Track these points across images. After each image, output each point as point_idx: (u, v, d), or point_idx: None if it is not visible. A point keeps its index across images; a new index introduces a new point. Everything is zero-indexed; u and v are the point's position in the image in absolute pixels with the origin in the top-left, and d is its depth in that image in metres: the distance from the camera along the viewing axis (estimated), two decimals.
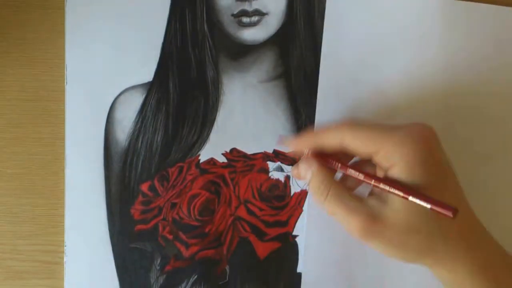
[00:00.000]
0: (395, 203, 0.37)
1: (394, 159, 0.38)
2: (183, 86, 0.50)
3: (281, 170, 0.50)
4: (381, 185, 0.38)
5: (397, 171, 0.38)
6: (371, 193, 0.41)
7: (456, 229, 0.38)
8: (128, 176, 0.50)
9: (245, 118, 0.50)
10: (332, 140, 0.40)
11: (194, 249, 0.49)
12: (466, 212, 0.40)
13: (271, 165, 0.50)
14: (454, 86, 0.49)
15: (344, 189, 0.39)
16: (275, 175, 0.50)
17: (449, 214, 0.35)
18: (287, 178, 0.50)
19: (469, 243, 0.38)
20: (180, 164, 0.50)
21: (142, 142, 0.50)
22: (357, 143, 0.39)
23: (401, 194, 0.37)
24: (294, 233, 0.49)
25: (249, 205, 0.49)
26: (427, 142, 0.38)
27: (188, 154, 0.50)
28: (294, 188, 0.50)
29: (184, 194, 0.50)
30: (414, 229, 0.37)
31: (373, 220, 0.37)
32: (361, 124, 0.39)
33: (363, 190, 0.42)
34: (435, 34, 0.49)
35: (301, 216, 0.49)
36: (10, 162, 0.51)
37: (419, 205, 0.36)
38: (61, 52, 0.51)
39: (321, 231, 0.48)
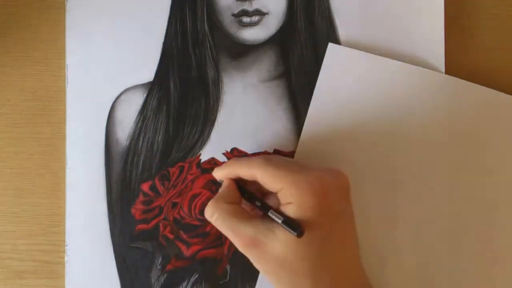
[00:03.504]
0: (279, 235, 0.40)
1: (289, 199, 0.40)
2: (183, 85, 0.50)
3: None
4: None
5: (290, 209, 0.40)
6: (264, 218, 0.42)
7: (328, 276, 0.40)
8: (129, 176, 0.50)
9: (245, 117, 0.50)
10: (246, 173, 0.43)
11: (195, 248, 0.49)
12: (349, 266, 0.42)
13: None
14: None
15: (230, 214, 0.42)
16: None
17: (295, 234, 0.38)
18: None
19: None
20: (181, 163, 0.50)
21: (143, 142, 0.50)
22: (265, 180, 0.42)
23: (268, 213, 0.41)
24: None
25: None
26: (324, 192, 0.40)
27: (189, 153, 0.50)
28: None
29: (185, 193, 0.50)
30: (287, 265, 0.40)
31: (253, 243, 0.40)
32: (273, 162, 0.42)
33: None
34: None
35: None
36: (10, 162, 0.51)
37: (300, 246, 0.39)
38: (61, 52, 0.51)
39: None
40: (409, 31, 0.50)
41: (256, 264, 0.41)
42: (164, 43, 0.50)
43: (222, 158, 0.50)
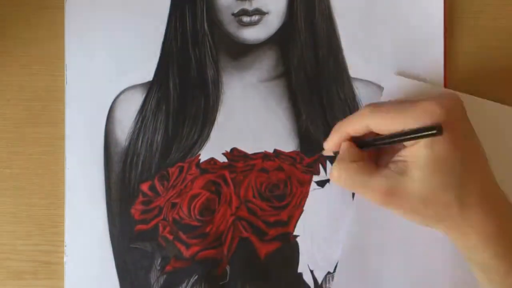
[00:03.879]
0: (414, 174, 0.39)
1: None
2: (183, 85, 0.50)
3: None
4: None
5: (421, 145, 0.39)
6: (389, 164, 0.41)
7: (473, 198, 0.39)
8: (128, 176, 0.50)
9: (245, 117, 0.50)
10: (358, 128, 0.42)
11: (195, 249, 0.49)
12: (487, 180, 0.41)
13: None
14: None
15: (357, 170, 0.41)
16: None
17: (435, 132, 0.37)
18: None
19: (485, 210, 0.39)
20: (181, 164, 0.50)
21: (142, 142, 0.50)
22: (381, 126, 0.40)
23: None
24: (295, 233, 0.49)
25: (249, 205, 0.49)
26: (450, 116, 0.38)
27: (189, 153, 0.50)
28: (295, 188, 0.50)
29: (185, 194, 0.50)
30: (431, 200, 0.39)
31: (391, 192, 0.39)
32: (381, 106, 0.41)
33: None
34: None
35: (301, 216, 0.49)
36: (10, 162, 0.51)
37: (437, 176, 0.38)
38: (61, 52, 0.51)
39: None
40: (409, 31, 0.50)
41: (399, 211, 0.40)
42: (164, 43, 0.50)
43: (221, 158, 0.50)
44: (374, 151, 0.45)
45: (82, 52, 0.50)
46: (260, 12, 0.50)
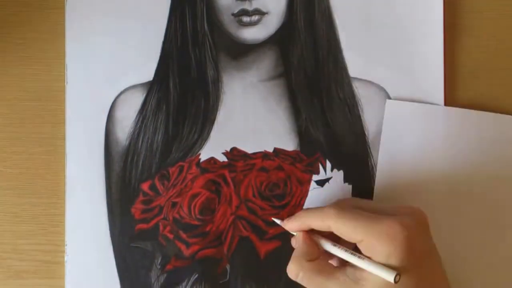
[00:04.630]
0: (368, 286, 0.39)
1: (373, 251, 0.40)
2: (183, 85, 0.50)
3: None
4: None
5: (375, 259, 0.40)
6: (346, 269, 0.42)
7: None
8: (128, 176, 0.50)
9: (245, 117, 0.50)
10: (319, 225, 0.43)
11: (195, 248, 0.49)
12: None
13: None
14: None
15: (315, 271, 0.42)
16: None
17: (392, 279, 0.38)
18: None
19: None
20: (181, 163, 0.50)
21: (142, 142, 0.50)
22: (342, 232, 0.41)
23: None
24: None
25: (249, 204, 0.49)
26: (409, 238, 0.39)
27: (189, 153, 0.50)
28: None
29: (185, 193, 0.50)
30: None
31: None
32: (345, 212, 0.41)
33: None
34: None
35: None
36: (10, 162, 0.51)
37: None
38: (61, 52, 0.51)
39: None
40: (409, 31, 0.50)
41: None
42: (164, 43, 0.50)
43: (221, 158, 0.50)
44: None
45: (82, 52, 0.50)
46: (260, 12, 0.50)
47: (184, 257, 0.49)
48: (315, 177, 0.50)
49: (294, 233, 0.45)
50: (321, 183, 0.50)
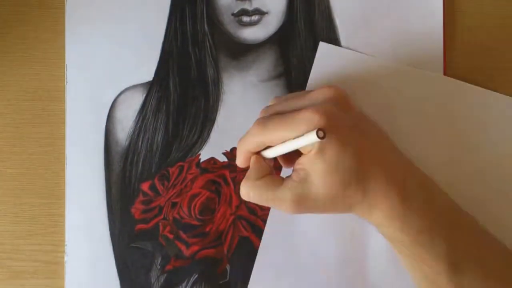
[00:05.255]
0: (314, 180, 0.40)
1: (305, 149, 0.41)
2: (183, 85, 0.50)
3: None
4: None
5: (313, 153, 0.40)
6: (292, 174, 0.42)
7: (373, 182, 0.41)
8: (128, 176, 0.50)
9: (245, 117, 0.50)
10: (255, 147, 0.43)
11: (195, 248, 0.49)
12: (385, 159, 0.42)
13: None
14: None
15: (263, 187, 0.42)
16: None
17: (316, 137, 0.38)
18: None
19: (385, 190, 0.41)
20: (181, 163, 0.50)
21: (142, 142, 0.50)
22: (273, 142, 0.42)
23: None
24: None
25: (249, 204, 0.49)
26: (330, 121, 0.40)
27: (189, 153, 0.50)
28: None
29: (185, 193, 0.50)
30: (336, 197, 0.41)
31: (298, 200, 0.41)
32: (267, 122, 0.42)
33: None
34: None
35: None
36: (10, 162, 0.51)
37: (334, 176, 0.40)
38: (61, 52, 0.51)
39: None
40: (409, 31, 0.50)
41: (312, 214, 0.42)
42: (164, 43, 0.50)
43: (221, 158, 0.50)
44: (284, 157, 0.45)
45: (82, 52, 0.50)
46: (260, 12, 0.50)
47: (184, 257, 0.49)
48: None
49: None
50: None
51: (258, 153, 0.44)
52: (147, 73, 0.50)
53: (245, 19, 0.50)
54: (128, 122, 0.50)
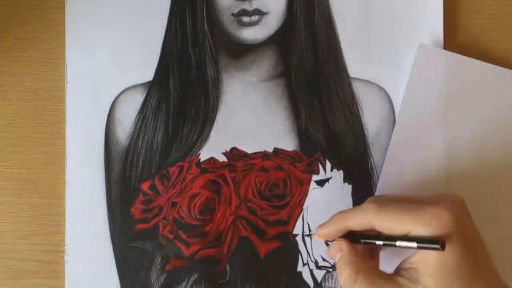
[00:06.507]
0: (426, 283, 0.39)
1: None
2: (183, 85, 0.50)
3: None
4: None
5: (430, 253, 0.39)
6: (401, 271, 0.41)
7: None
8: (128, 176, 0.50)
9: (245, 117, 0.50)
10: (359, 223, 0.41)
11: (195, 248, 0.49)
12: (492, 279, 0.40)
13: None
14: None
15: (373, 272, 0.40)
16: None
17: (438, 247, 0.37)
18: None
19: None
20: (181, 163, 0.50)
21: (142, 142, 0.50)
22: (385, 226, 0.40)
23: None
24: (294, 232, 0.49)
25: (249, 204, 0.49)
26: (457, 222, 0.38)
27: (189, 153, 0.50)
28: None
29: (185, 193, 0.50)
30: None
31: None
32: (386, 205, 0.40)
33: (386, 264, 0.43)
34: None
35: (301, 215, 0.49)
36: (10, 162, 0.51)
37: (448, 282, 0.38)
38: (61, 52, 0.51)
39: None
40: (409, 31, 0.50)
41: None
42: (164, 43, 0.50)
43: (221, 158, 0.50)
44: (367, 252, 0.44)
45: (83, 52, 0.50)
46: (259, 12, 0.50)
47: (184, 257, 0.49)
48: (315, 177, 0.50)
49: (330, 242, 0.43)
50: (321, 183, 0.50)
51: (347, 238, 0.42)
52: (147, 73, 0.50)
53: (245, 19, 0.50)
54: (128, 122, 0.50)
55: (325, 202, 0.49)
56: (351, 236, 0.42)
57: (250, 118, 0.50)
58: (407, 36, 0.50)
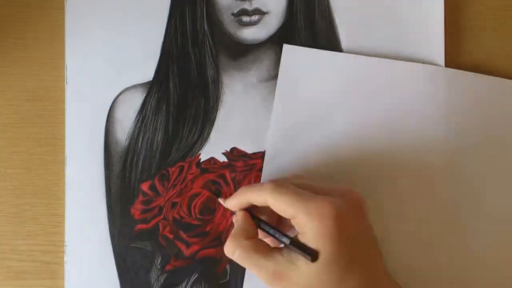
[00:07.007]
0: (302, 267, 0.40)
1: (304, 228, 0.40)
2: (183, 85, 0.50)
3: None
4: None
5: (307, 238, 0.40)
6: (283, 249, 0.42)
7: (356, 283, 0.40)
8: (128, 176, 0.50)
9: (245, 117, 0.50)
10: (257, 199, 0.43)
11: (195, 248, 0.49)
12: (370, 269, 0.42)
13: None
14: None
15: (250, 249, 0.42)
16: None
17: (309, 258, 0.39)
18: None
19: None
20: (181, 163, 0.50)
21: (142, 142, 0.50)
22: (277, 207, 0.42)
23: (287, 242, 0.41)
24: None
25: None
26: (338, 218, 0.40)
27: (189, 153, 0.50)
28: None
29: (185, 193, 0.50)
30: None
31: (278, 277, 0.41)
32: (282, 187, 0.42)
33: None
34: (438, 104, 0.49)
35: None
36: (10, 162, 0.51)
37: (322, 275, 0.39)
38: (61, 52, 0.51)
39: None
40: (409, 31, 0.50)
41: None
42: (164, 43, 0.50)
43: (221, 158, 0.50)
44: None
45: (82, 52, 0.50)
46: (260, 12, 0.50)
47: (184, 257, 0.49)
48: None
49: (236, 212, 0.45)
50: None
51: (247, 210, 0.44)
52: (147, 73, 0.50)
53: (245, 19, 0.50)
54: (128, 122, 0.50)
55: None
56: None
57: (250, 118, 0.50)
58: (407, 36, 0.50)
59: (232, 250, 0.42)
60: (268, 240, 0.45)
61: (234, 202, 0.45)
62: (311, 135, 0.49)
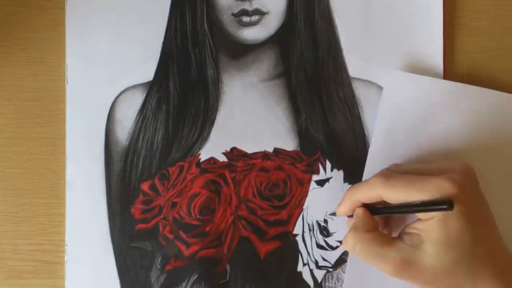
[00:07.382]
0: (428, 249, 0.40)
1: (428, 213, 0.40)
2: (183, 85, 0.50)
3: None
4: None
5: (429, 222, 0.40)
6: (403, 236, 0.42)
7: (484, 268, 0.40)
8: (128, 176, 0.50)
9: (245, 117, 0.50)
10: (370, 196, 0.43)
11: (195, 248, 0.49)
12: (497, 249, 0.42)
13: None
14: None
15: (372, 241, 0.42)
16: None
17: (445, 207, 0.38)
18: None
19: (495, 278, 0.40)
20: (181, 163, 0.50)
21: (142, 142, 0.50)
22: (393, 198, 0.41)
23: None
24: (295, 232, 0.49)
25: (249, 204, 0.49)
26: (460, 188, 0.39)
27: (189, 153, 0.50)
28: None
29: (185, 193, 0.50)
30: (444, 273, 0.40)
31: (405, 265, 0.40)
32: (393, 178, 0.42)
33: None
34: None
35: (301, 215, 0.49)
36: (10, 162, 0.51)
37: (449, 251, 0.39)
38: (61, 52, 0.51)
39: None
40: (409, 31, 0.50)
41: (414, 283, 0.41)
42: (164, 43, 0.50)
43: (221, 158, 0.50)
44: (383, 217, 0.46)
45: (83, 52, 0.50)
46: (260, 12, 0.50)
47: (184, 257, 0.49)
48: (315, 177, 0.50)
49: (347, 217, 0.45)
50: (321, 183, 0.50)
51: (364, 206, 0.44)
52: (147, 73, 0.50)
53: (245, 19, 0.50)
54: (128, 122, 0.50)
55: (325, 202, 0.49)
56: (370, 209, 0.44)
57: (250, 118, 0.50)
58: (407, 36, 0.50)
59: (353, 243, 0.42)
60: (385, 231, 0.45)
61: (346, 207, 0.44)
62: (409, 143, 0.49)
